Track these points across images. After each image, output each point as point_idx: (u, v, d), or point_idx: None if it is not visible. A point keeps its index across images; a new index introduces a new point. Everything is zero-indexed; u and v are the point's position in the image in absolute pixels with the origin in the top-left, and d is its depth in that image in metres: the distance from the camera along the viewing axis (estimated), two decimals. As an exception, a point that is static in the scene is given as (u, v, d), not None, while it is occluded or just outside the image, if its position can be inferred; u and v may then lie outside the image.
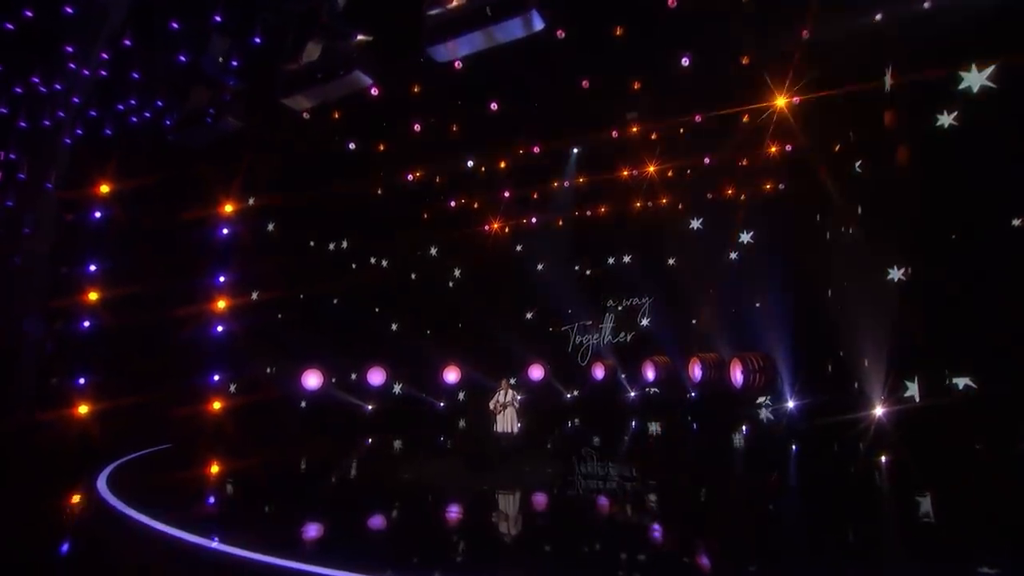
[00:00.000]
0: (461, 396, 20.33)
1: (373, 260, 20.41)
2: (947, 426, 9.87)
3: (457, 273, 22.76)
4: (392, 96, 15.01)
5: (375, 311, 20.39)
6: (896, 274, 12.17)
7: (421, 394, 19.70)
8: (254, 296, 16.91)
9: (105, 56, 13.93)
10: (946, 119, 10.04)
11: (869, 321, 13.15)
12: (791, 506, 9.44)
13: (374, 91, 15.78)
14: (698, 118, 16.93)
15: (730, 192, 19.73)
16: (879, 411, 13.25)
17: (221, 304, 16.14)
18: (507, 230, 22.57)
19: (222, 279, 16.20)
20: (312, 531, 8.41)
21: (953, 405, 9.79)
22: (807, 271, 16.08)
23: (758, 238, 18.55)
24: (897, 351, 11.82)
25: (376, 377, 18.31)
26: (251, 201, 16.30)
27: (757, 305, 18.24)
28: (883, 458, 12.37)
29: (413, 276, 21.90)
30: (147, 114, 14.59)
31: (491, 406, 13.13)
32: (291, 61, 11.50)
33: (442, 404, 19.94)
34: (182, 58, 13.20)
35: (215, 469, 12.72)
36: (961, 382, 9.82)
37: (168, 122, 13.43)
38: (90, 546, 7.81)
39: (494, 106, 16.62)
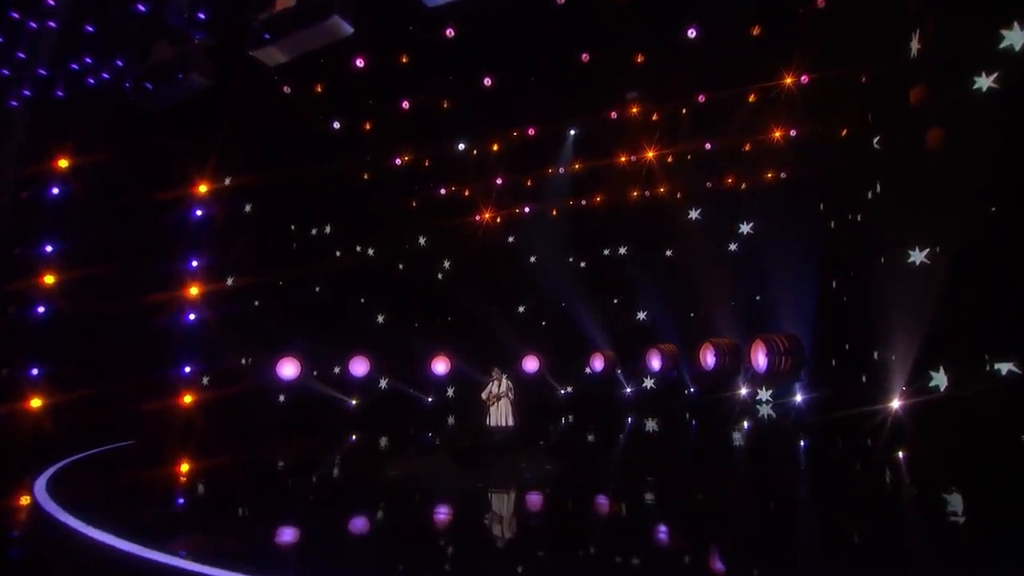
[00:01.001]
0: (450, 392, 19.30)
1: (359, 248, 19.30)
2: (987, 416, 9.03)
3: (447, 264, 21.79)
4: (379, 67, 14.00)
5: (360, 301, 19.30)
6: (918, 256, 11.38)
7: (408, 388, 18.63)
8: (229, 282, 15.73)
9: (52, 2, 12.65)
10: (985, 81, 9.26)
11: (888, 308, 12.38)
12: (818, 510, 8.55)
13: (359, 62, 14.78)
14: (702, 98, 16.15)
15: (730, 181, 18.96)
16: (897, 403, 12.47)
17: (193, 290, 14.94)
18: (499, 220, 21.61)
19: (195, 263, 15.02)
20: (279, 539, 7.33)
21: (993, 393, 8.96)
22: (816, 257, 15.35)
23: (762, 226, 17.82)
24: (921, 338, 11.04)
25: (359, 367, 17.16)
26: (227, 181, 15.14)
27: (758, 298, 17.50)
28: (900, 454, 11.65)
29: (401, 266, 20.86)
30: (105, 75, 13.37)
31: (483, 397, 12.13)
32: (263, 9, 10.40)
33: (430, 399, 18.90)
34: (141, 7, 12.00)
35: (179, 468, 11.57)
36: (1004, 367, 9.01)
37: (128, 84, 12.26)
38: (8, 555, 6.69)
39: (488, 81, 15.67)
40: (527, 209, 21.26)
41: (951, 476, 9.02)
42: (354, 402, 17.60)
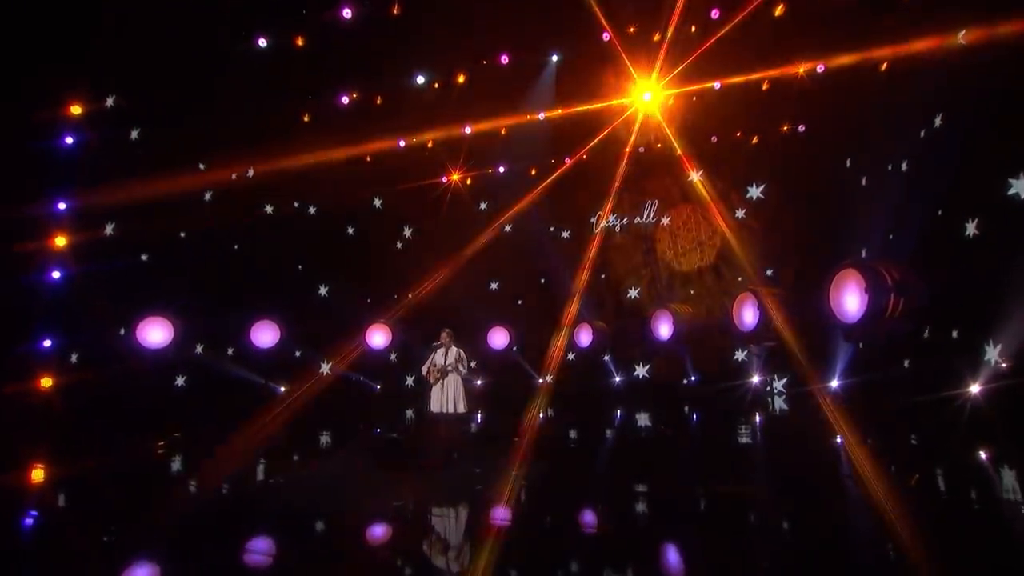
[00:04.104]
0: (409, 381, 16.03)
1: (296, 204, 15.97)
2: None
3: (407, 233, 18.59)
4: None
5: (297, 268, 15.98)
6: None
7: (353, 374, 15.32)
8: (108, 230, 12.30)
9: None
10: None
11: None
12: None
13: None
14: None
15: (739, 135, 15.94)
16: (975, 388, 9.46)
17: (59, 240, 11.51)
18: (468, 182, 18.44)
19: (62, 206, 11.59)
20: None
21: None
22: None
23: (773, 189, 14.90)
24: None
25: (266, 336, 13.68)
26: (110, 101, 11.75)
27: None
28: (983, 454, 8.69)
29: (351, 230, 17.58)
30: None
31: (424, 371, 8.93)
32: None
33: (378, 387, 15.62)
34: None
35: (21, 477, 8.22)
36: None
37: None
38: None
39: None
40: (501, 169, 18.18)
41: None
42: (282, 389, 14.25)
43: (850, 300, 10.09)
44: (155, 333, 11.53)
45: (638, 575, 5.15)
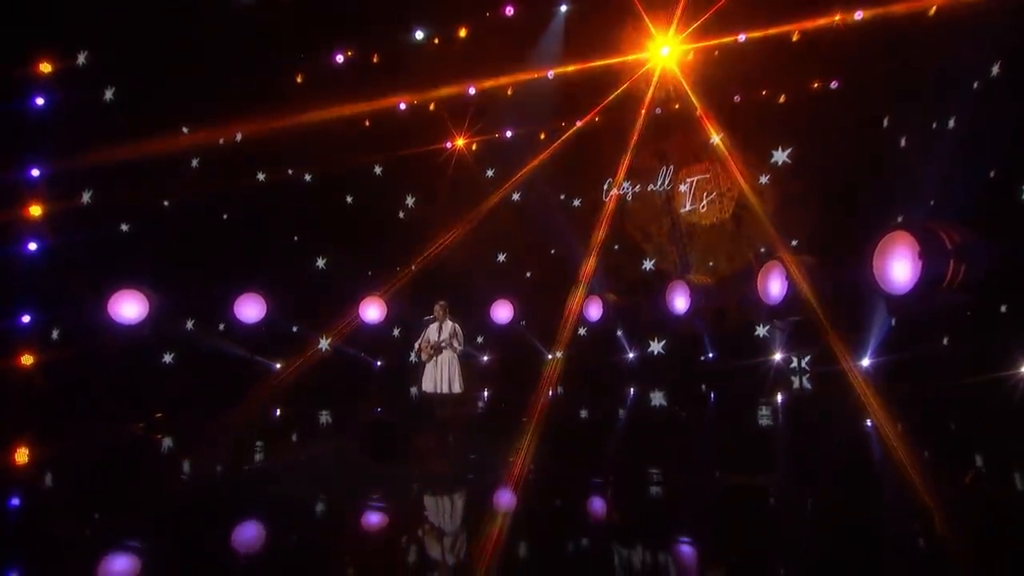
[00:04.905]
0: (413, 357, 15.30)
1: (290, 171, 15.10)
2: None
3: (410, 202, 17.74)
4: None
5: (293, 239, 15.20)
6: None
7: (352, 350, 14.65)
8: (86, 198, 11.56)
9: None
10: None
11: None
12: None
13: None
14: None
15: (765, 93, 14.67)
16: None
17: (34, 210, 10.80)
18: (474, 147, 17.43)
19: (35, 172, 10.85)
20: None
21: None
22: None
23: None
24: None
25: (252, 311, 12.94)
26: (81, 59, 10.85)
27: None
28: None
29: (349, 199, 16.73)
30: None
31: (416, 347, 8.16)
32: None
33: (379, 363, 14.94)
34: None
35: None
36: None
37: None
38: None
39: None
40: (508, 133, 17.13)
41: None
42: (277, 366, 13.61)
43: (899, 267, 8.92)
44: (128, 307, 10.82)
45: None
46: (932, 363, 10.06)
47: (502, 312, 15.49)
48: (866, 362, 11.21)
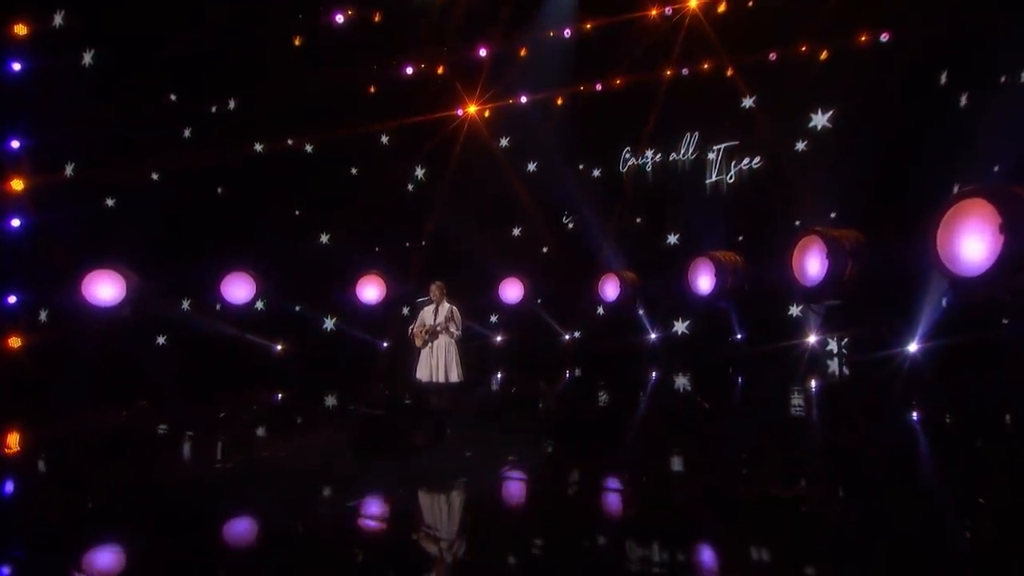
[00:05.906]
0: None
1: (290, 141, 14.28)
2: None
3: (419, 174, 16.85)
4: None
5: (294, 214, 14.47)
6: None
7: (356, 331, 13.97)
8: (69, 172, 10.90)
9: None
10: None
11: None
12: None
13: None
14: None
15: (804, 49, 13.31)
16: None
17: (16, 184, 10.18)
18: (486, 115, 16.40)
19: (15, 144, 10.20)
20: None
21: None
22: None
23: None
24: None
25: (238, 291, 12.21)
26: (58, 20, 10.07)
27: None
28: None
29: (354, 171, 15.90)
30: None
31: (411, 331, 7.36)
32: None
33: (385, 344, 14.24)
34: None
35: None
36: None
37: None
38: None
39: None
40: (523, 99, 16.04)
41: None
42: (279, 347, 13.00)
43: (970, 243, 7.82)
44: (104, 289, 10.18)
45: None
46: (993, 349, 8.95)
47: (512, 291, 14.60)
48: (914, 347, 10.10)
